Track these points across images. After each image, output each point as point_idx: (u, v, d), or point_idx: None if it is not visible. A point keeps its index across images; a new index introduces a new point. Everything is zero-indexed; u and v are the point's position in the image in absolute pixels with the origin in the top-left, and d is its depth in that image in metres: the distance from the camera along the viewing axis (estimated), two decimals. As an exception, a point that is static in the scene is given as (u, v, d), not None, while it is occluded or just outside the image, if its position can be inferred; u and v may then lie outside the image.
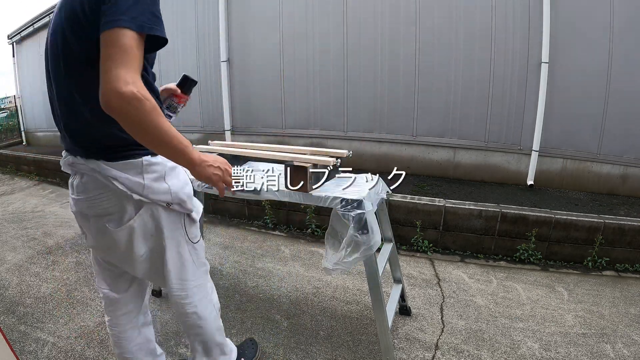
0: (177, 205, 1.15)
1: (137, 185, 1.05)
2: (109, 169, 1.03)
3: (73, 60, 0.99)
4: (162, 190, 1.10)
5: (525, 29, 3.64)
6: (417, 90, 4.16)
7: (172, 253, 1.21)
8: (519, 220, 2.80)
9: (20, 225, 3.80)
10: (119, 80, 0.84)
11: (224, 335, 1.51)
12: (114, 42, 0.86)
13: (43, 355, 1.84)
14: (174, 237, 1.19)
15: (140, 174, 1.06)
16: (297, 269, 2.69)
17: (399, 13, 4.12)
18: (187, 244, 1.24)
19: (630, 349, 1.86)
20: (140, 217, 1.11)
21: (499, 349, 1.86)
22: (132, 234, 1.13)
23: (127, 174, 1.04)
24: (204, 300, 1.35)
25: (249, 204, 3.65)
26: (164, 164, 1.12)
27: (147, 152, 1.08)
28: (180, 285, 1.27)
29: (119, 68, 0.85)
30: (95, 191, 1.09)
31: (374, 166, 4.49)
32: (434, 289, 2.41)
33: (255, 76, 5.11)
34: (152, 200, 1.09)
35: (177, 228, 1.20)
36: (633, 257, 2.70)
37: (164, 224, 1.15)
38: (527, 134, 3.78)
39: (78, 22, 0.94)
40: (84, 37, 0.94)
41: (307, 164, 1.51)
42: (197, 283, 1.32)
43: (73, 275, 2.64)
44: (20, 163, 6.91)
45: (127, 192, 1.05)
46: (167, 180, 1.11)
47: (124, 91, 0.84)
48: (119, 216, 1.11)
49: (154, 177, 1.08)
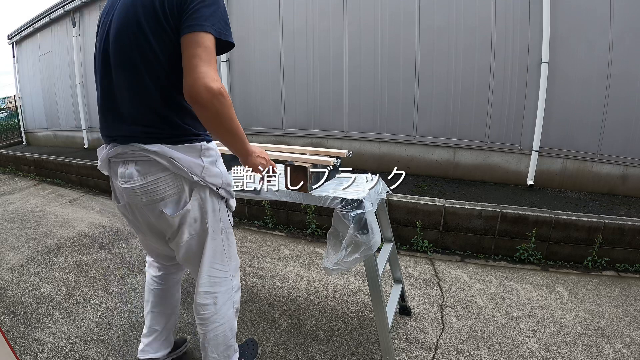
0: (224, 190, 1.24)
1: (197, 167, 1.13)
2: (172, 151, 1.10)
3: (149, 52, 1.06)
4: (216, 174, 1.20)
5: (525, 28, 3.64)
6: (417, 90, 4.16)
7: (211, 239, 1.27)
8: (519, 220, 2.80)
9: (20, 225, 3.80)
10: (208, 76, 0.96)
11: (235, 338, 1.49)
12: (200, 43, 0.98)
13: (43, 355, 1.84)
14: (214, 223, 1.26)
15: (199, 157, 1.15)
16: (297, 269, 2.69)
17: (399, 12, 4.12)
18: (222, 233, 1.31)
19: (630, 349, 1.86)
20: (193, 200, 1.18)
21: (499, 349, 1.86)
22: (185, 218, 1.19)
23: (189, 157, 1.12)
24: (225, 295, 1.37)
25: (249, 204, 3.66)
26: (216, 150, 1.23)
27: (204, 139, 1.17)
28: (209, 273, 1.32)
29: (206, 66, 0.97)
30: (152, 175, 1.13)
31: (374, 166, 4.49)
32: (434, 289, 2.41)
33: (255, 76, 5.11)
34: (207, 183, 1.17)
35: (217, 215, 1.26)
36: (633, 257, 2.70)
37: (209, 209, 1.22)
38: (527, 134, 3.78)
39: (157, 20, 1.04)
40: (162, 33, 1.04)
41: (307, 164, 1.50)
42: (224, 275, 1.36)
43: (73, 275, 2.64)
44: (20, 163, 6.91)
45: (188, 173, 1.12)
46: (217, 165, 1.22)
47: (213, 86, 0.96)
48: (176, 199, 1.17)
49: (210, 161, 1.18)
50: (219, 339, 1.40)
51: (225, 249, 1.34)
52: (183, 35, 1.01)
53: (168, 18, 1.03)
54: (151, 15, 1.04)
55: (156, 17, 1.04)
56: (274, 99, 5.01)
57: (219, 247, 1.31)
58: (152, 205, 1.17)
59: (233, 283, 1.40)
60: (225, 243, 1.33)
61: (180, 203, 1.18)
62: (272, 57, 4.92)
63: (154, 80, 1.08)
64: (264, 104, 5.11)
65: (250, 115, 5.26)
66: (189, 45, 0.99)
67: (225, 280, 1.36)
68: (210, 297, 1.34)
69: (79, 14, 7.09)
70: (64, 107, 7.94)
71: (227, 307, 1.38)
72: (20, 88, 9.33)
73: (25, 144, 9.45)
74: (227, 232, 1.34)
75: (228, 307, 1.38)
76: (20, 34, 8.63)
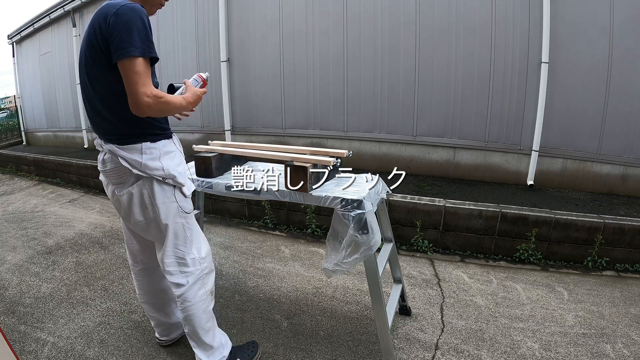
0: (170, 179, 1.45)
1: (136, 163, 1.39)
2: (118, 150, 1.39)
3: (92, 75, 1.35)
4: (156, 167, 1.42)
5: (525, 28, 3.64)
6: (417, 90, 4.16)
7: (166, 221, 1.48)
8: (519, 220, 2.80)
9: (20, 225, 3.80)
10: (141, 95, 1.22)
11: (213, 324, 1.62)
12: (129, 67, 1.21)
13: (43, 355, 1.84)
14: (167, 208, 1.47)
15: (139, 154, 1.40)
16: (297, 269, 2.69)
17: (398, 12, 4.12)
18: (180, 217, 1.51)
19: (630, 349, 1.86)
20: (137, 186, 1.44)
21: (499, 349, 1.86)
22: (131, 200, 1.46)
23: (130, 154, 1.39)
24: (193, 275, 1.54)
25: (249, 204, 3.66)
26: (160, 148, 1.44)
27: (146, 140, 1.41)
28: (174, 254, 1.52)
29: (138, 86, 1.21)
30: (110, 165, 1.45)
31: (374, 166, 4.49)
32: (434, 289, 2.41)
33: (255, 76, 5.11)
34: (148, 175, 1.41)
35: (170, 201, 1.47)
36: (633, 257, 2.70)
37: (157, 195, 1.45)
38: (527, 134, 3.78)
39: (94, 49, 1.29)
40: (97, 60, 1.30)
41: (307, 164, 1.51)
42: (190, 256, 1.54)
43: (73, 275, 2.64)
44: (20, 163, 6.91)
45: (129, 167, 1.40)
46: (161, 160, 1.43)
47: (144, 103, 1.23)
48: (123, 185, 1.47)
49: (149, 158, 1.41)
50: (194, 320, 1.55)
51: (187, 232, 1.54)
52: (116, 62, 1.23)
53: (100, 47, 1.27)
54: (90, 46, 1.30)
55: (93, 48, 1.29)
56: (274, 99, 5.01)
57: (180, 230, 1.52)
58: (111, 187, 1.51)
59: (202, 265, 1.57)
60: (185, 227, 1.53)
61: (125, 186, 1.46)
62: (272, 57, 4.91)
63: (102, 97, 1.35)
64: (264, 104, 5.11)
65: (250, 115, 5.26)
66: (122, 71, 1.23)
67: (192, 261, 1.54)
68: (182, 276, 1.53)
69: (79, 14, 7.09)
70: (64, 107, 7.94)
71: (197, 287, 1.54)
72: (20, 88, 9.33)
73: (25, 144, 9.45)
74: (184, 216, 1.52)
75: (198, 287, 1.55)
76: (20, 34, 8.63)
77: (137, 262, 1.74)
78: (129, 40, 1.20)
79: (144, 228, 1.53)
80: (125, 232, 1.72)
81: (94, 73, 1.33)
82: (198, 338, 1.58)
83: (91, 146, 7.38)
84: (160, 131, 1.45)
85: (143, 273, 1.75)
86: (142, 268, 1.74)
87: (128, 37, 1.21)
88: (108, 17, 1.23)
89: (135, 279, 1.77)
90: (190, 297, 1.52)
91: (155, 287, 1.76)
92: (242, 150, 1.85)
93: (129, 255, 1.75)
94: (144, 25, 1.25)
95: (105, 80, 1.32)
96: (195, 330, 1.56)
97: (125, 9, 1.22)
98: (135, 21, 1.23)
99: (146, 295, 1.77)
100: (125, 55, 1.20)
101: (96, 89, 1.35)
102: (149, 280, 1.75)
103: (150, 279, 1.75)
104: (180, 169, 1.49)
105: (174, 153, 1.49)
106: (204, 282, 1.57)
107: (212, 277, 1.62)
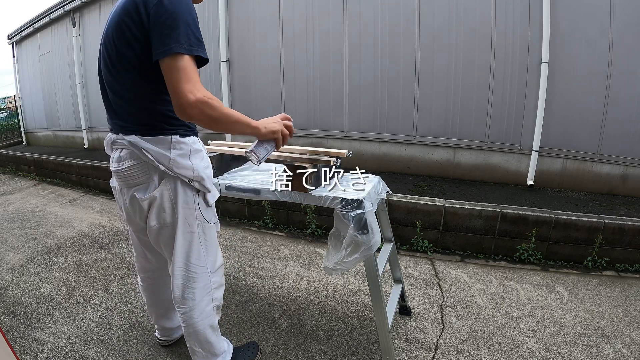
0: (197, 183, 1.30)
1: (164, 158, 1.23)
2: (142, 142, 1.22)
3: (120, 66, 1.19)
4: (186, 166, 1.26)
5: (525, 29, 3.64)
6: (417, 90, 4.16)
7: (183, 230, 1.33)
8: (519, 220, 2.79)
9: (20, 225, 3.80)
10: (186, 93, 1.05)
11: (217, 335, 1.54)
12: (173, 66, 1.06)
13: (43, 355, 1.84)
14: (186, 215, 1.32)
15: (168, 149, 1.23)
16: (297, 269, 2.69)
17: (398, 12, 4.12)
18: (199, 226, 1.36)
19: (630, 349, 1.86)
20: (162, 188, 1.28)
21: (499, 349, 1.86)
22: (154, 203, 1.29)
23: (157, 148, 1.22)
24: (203, 291, 1.42)
25: (249, 204, 3.65)
26: (190, 145, 1.28)
27: (176, 132, 1.25)
28: (186, 267, 1.37)
29: (183, 84, 1.05)
30: (128, 162, 1.27)
31: (374, 166, 4.49)
32: (434, 289, 2.41)
33: (255, 76, 5.11)
34: (175, 174, 1.26)
35: (191, 207, 1.32)
36: (633, 257, 2.70)
37: (180, 200, 1.30)
38: (527, 134, 3.78)
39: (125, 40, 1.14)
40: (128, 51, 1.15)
41: (307, 164, 1.50)
42: (201, 271, 1.40)
43: (73, 275, 2.64)
44: (20, 163, 6.91)
45: (155, 163, 1.22)
46: (191, 158, 1.28)
47: (192, 100, 1.05)
48: (146, 186, 1.29)
49: (179, 154, 1.25)
50: (200, 335, 1.46)
51: (202, 244, 1.39)
52: (157, 60, 1.09)
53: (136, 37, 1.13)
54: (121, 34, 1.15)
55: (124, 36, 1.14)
56: (274, 98, 5.01)
57: (195, 241, 1.36)
58: (128, 189, 1.32)
59: (212, 280, 1.45)
60: (202, 238, 1.38)
61: (149, 189, 1.29)
62: (272, 57, 4.91)
63: (126, 88, 1.21)
64: (263, 103, 5.11)
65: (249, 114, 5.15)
66: (164, 70, 1.08)
67: (203, 276, 1.41)
68: (189, 291, 1.39)
69: (79, 14, 7.09)
70: (64, 107, 7.94)
71: (205, 303, 1.43)
72: (20, 88, 9.33)
73: (25, 144, 9.45)
74: (204, 226, 1.38)
75: (206, 303, 1.44)
76: (20, 34, 8.63)
77: (148, 276, 1.65)
78: (173, 35, 1.05)
79: (154, 234, 1.37)
80: (136, 246, 1.58)
81: (121, 62, 1.17)
82: (201, 352, 1.50)
83: (91, 146, 7.38)
84: (189, 127, 1.30)
85: (153, 288, 1.67)
86: (153, 283, 1.66)
87: (173, 31, 1.05)
88: (149, 5, 1.07)
89: (143, 291, 1.70)
90: (197, 314, 1.42)
91: (164, 297, 1.69)
92: (242, 150, 1.84)
93: (139, 269, 1.66)
94: (193, 18, 1.10)
95: (134, 71, 1.17)
96: (199, 345, 1.48)
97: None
98: (183, 13, 1.07)
99: (154, 306, 1.73)
100: (167, 52, 1.05)
101: (121, 79, 1.20)
102: (159, 293, 1.69)
103: (161, 292, 1.68)
104: (209, 172, 1.35)
105: (203, 153, 1.34)
106: (213, 298, 1.46)
107: (221, 291, 1.52)
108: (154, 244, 1.43)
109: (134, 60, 1.15)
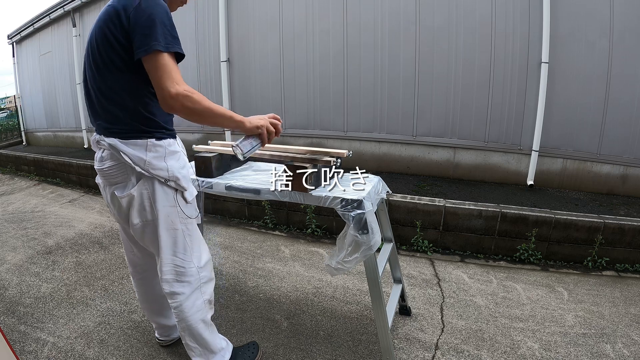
0: (173, 182, 1.39)
1: (140, 160, 1.31)
2: (121, 145, 1.30)
3: (104, 68, 1.27)
4: (161, 167, 1.35)
5: (525, 28, 3.64)
6: (417, 90, 4.16)
7: (166, 227, 1.41)
8: (519, 220, 2.80)
9: (20, 225, 3.80)
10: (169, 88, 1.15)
11: (211, 330, 1.56)
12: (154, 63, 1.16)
13: (43, 355, 1.84)
14: (167, 212, 1.40)
15: (144, 151, 1.32)
16: (297, 269, 2.69)
17: (398, 12, 4.12)
18: (181, 223, 1.44)
19: (630, 349, 1.86)
20: (139, 187, 1.36)
21: (499, 349, 1.86)
22: (132, 202, 1.38)
23: (134, 150, 1.31)
24: (192, 285, 1.48)
25: (249, 204, 3.66)
26: (166, 147, 1.36)
27: (152, 136, 1.33)
28: (173, 262, 1.45)
29: (165, 80, 1.15)
30: (110, 162, 1.36)
31: (374, 166, 4.49)
32: (434, 289, 2.41)
33: (255, 76, 5.11)
34: (151, 175, 1.34)
35: (171, 205, 1.41)
36: (633, 257, 2.70)
37: (158, 198, 1.38)
38: (527, 134, 3.78)
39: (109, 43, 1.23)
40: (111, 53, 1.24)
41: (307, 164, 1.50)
42: (188, 265, 1.47)
43: (73, 275, 2.64)
44: (20, 163, 6.91)
45: (132, 164, 1.31)
46: (166, 160, 1.36)
47: (174, 92, 1.15)
48: (124, 185, 1.39)
49: (154, 156, 1.33)
50: (193, 330, 1.50)
51: (187, 239, 1.46)
52: (139, 59, 1.17)
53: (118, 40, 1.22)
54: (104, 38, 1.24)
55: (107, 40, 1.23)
56: (274, 98, 5.01)
57: (180, 237, 1.44)
58: (109, 187, 1.42)
59: (201, 274, 1.50)
60: (185, 233, 1.45)
61: (127, 188, 1.38)
62: (272, 56, 4.91)
63: (109, 90, 1.29)
64: (263, 103, 5.11)
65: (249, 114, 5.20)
66: (147, 68, 1.18)
67: (191, 270, 1.47)
68: (178, 285, 1.46)
69: (78, 14, 7.09)
70: (64, 107, 7.94)
71: (195, 297, 1.49)
72: (20, 88, 9.33)
73: (25, 144, 9.45)
74: (186, 222, 1.45)
75: (196, 297, 1.49)
76: (20, 34, 8.63)
77: (137, 270, 1.69)
78: (152, 34, 1.15)
79: (139, 232, 1.44)
80: (125, 241, 1.65)
81: (105, 65, 1.25)
82: (197, 348, 1.53)
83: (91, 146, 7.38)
84: (167, 130, 1.38)
85: (143, 282, 1.71)
86: (142, 277, 1.70)
87: (151, 31, 1.15)
88: (129, 10, 1.17)
89: (135, 286, 1.74)
90: (187, 307, 1.46)
91: (157, 293, 1.72)
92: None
93: (129, 263, 1.70)
94: (168, 18, 1.20)
95: (118, 73, 1.25)
96: (194, 340, 1.52)
97: (148, 1, 1.17)
98: (159, 14, 1.17)
99: (146, 302, 1.75)
100: (148, 51, 1.15)
101: (106, 81, 1.27)
102: (150, 288, 1.72)
103: (151, 286, 1.71)
104: (184, 171, 1.43)
105: (179, 154, 1.42)
106: (202, 292, 1.51)
107: (211, 286, 1.56)
108: (140, 242, 1.51)
109: (117, 61, 1.24)
